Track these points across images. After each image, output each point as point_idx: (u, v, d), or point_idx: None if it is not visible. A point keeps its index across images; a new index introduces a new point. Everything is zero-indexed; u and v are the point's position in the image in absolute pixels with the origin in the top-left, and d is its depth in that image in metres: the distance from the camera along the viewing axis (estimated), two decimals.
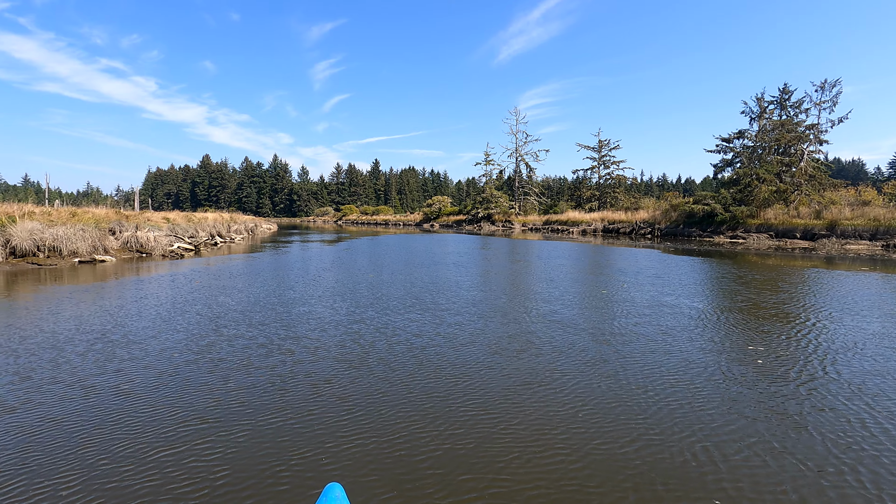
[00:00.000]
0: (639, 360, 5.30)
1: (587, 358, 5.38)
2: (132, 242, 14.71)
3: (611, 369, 5.00)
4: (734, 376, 4.82)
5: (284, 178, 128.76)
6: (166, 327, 6.61)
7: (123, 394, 4.25)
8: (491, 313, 7.68)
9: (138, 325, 6.74)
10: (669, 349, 5.73)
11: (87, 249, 12.91)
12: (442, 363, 5.17)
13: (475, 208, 59.14)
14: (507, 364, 5.16)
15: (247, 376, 4.72)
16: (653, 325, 6.90)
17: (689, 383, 4.61)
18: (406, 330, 6.56)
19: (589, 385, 4.56)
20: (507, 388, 4.48)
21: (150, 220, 17.79)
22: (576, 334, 6.41)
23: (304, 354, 5.45)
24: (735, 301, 8.84)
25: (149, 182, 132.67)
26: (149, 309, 7.78)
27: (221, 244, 23.23)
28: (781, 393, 4.39)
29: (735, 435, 3.57)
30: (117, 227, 14.70)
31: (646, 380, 4.70)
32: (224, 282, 10.83)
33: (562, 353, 5.54)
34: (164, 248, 15.22)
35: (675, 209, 33.65)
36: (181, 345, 5.78)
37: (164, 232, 16.81)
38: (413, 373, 4.86)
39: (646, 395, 4.31)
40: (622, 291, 9.88)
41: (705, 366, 5.13)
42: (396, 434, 3.56)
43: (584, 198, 56.78)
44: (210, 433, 3.52)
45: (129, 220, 15.45)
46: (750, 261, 16.68)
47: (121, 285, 10.10)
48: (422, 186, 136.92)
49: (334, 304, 8.40)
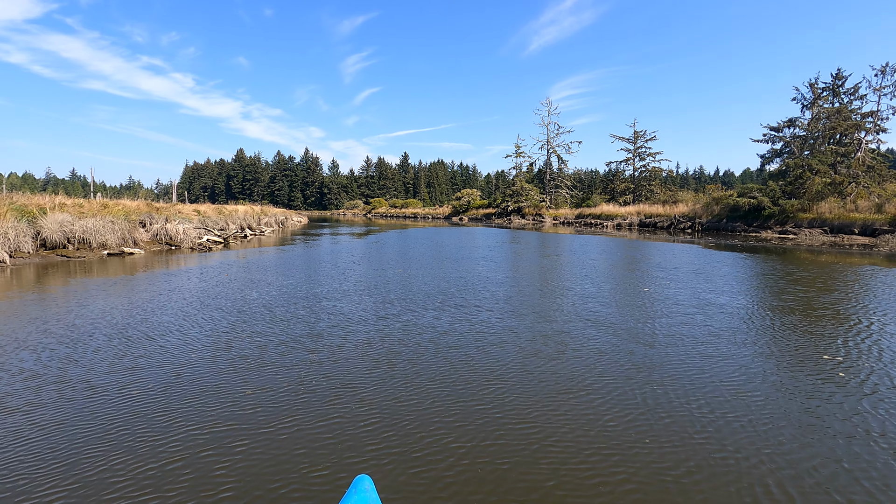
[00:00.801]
0: (689, 366, 4.75)
1: (631, 362, 4.87)
2: (161, 235, 14.87)
3: (659, 376, 4.48)
4: (803, 388, 4.20)
5: (315, 171, 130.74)
6: (189, 322, 6.44)
7: (137, 394, 4.02)
8: (524, 311, 7.25)
9: (161, 319, 6.60)
10: (723, 354, 5.13)
11: (116, 242, 13.06)
12: (472, 365, 4.80)
13: (505, 201, 58.25)
14: (543, 368, 4.71)
15: (269, 373, 4.43)
16: (701, 327, 6.30)
17: (749, 395, 4.05)
18: (435, 328, 6.19)
19: (634, 394, 4.07)
20: (543, 395, 4.05)
21: (181, 212, 18.04)
22: (616, 335, 5.89)
23: (329, 352, 5.14)
24: (789, 301, 8.05)
25: (186, 176, 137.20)
26: (172, 303, 7.66)
27: (251, 237, 23.47)
28: (862, 409, 3.77)
29: (812, 461, 3.01)
30: (147, 220, 14.87)
31: (699, 390, 4.16)
32: (252, 275, 10.72)
33: (602, 357, 5.05)
34: (192, 240, 15.34)
35: (718, 202, 31.96)
36: (204, 340, 5.57)
37: (195, 224, 16.99)
38: (442, 375, 4.51)
39: (700, 408, 3.78)
40: (665, 289, 9.24)
41: (766, 374, 4.53)
42: (422, 438, 3.31)
43: (617, 191, 55.11)
44: (238, 430, 3.25)
45: (159, 212, 15.65)
46: (802, 257, 15.55)
47: (146, 279, 10.11)
48: (450, 179, 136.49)
49: (361, 299, 8.11)
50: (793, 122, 30.97)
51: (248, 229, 24.11)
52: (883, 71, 29.91)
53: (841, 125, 28.51)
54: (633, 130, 56.01)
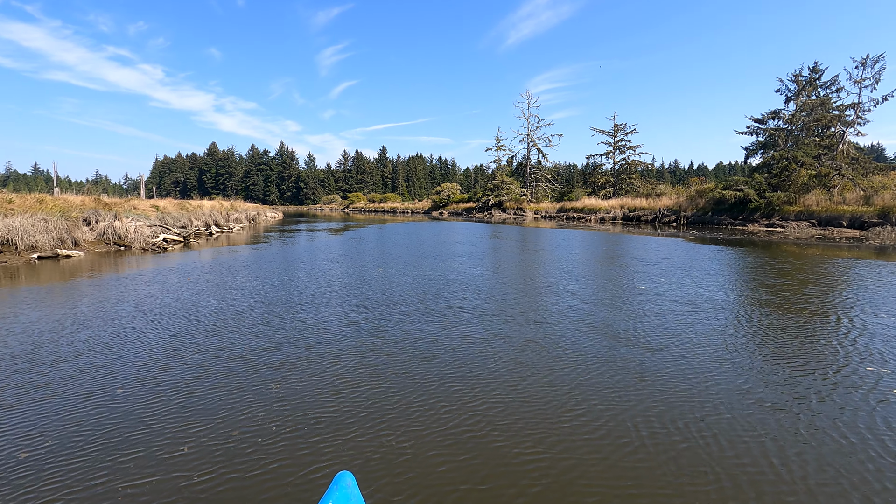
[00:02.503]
0: (693, 376, 4.20)
1: (630, 371, 4.41)
2: (109, 234, 13.23)
3: (661, 394, 3.87)
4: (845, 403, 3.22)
5: (291, 165, 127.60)
6: (119, 339, 5.12)
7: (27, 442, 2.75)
8: (512, 313, 6.70)
9: (81, 336, 5.25)
10: (730, 359, 4.24)
11: (50, 243, 11.33)
12: (456, 371, 4.47)
13: (486, 195, 57.28)
14: (531, 376, 4.29)
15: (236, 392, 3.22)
16: (701, 326, 5.68)
17: (773, 413, 3.28)
18: (417, 336, 5.59)
19: (633, 410, 3.61)
20: (531, 406, 3.70)
21: (136, 208, 16.32)
22: (611, 338, 5.45)
23: (297, 368, 3.94)
24: (789, 298, 7.21)
25: (156, 170, 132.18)
26: (99, 317, 6.30)
27: (218, 234, 21.82)
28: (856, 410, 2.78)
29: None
30: (93, 217, 13.20)
31: (712, 408, 3.54)
32: (211, 278, 9.36)
33: (599, 366, 4.54)
34: (146, 240, 13.70)
35: (702, 195, 31.53)
36: (134, 358, 4.29)
37: (151, 221, 15.32)
38: (425, 380, 4.23)
39: (713, 434, 3.15)
40: (660, 286, 8.69)
41: (792, 386, 3.53)
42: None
43: (598, 184, 54.67)
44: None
45: (108, 208, 13.96)
46: (791, 251, 15.04)
47: (77, 287, 8.62)
48: (429, 174, 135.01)
49: (336, 305, 6.92)
50: (777, 113, 30.65)
51: (214, 226, 22.40)
52: (864, 63, 29.81)
53: (825, 117, 28.27)
54: (614, 123, 55.62)
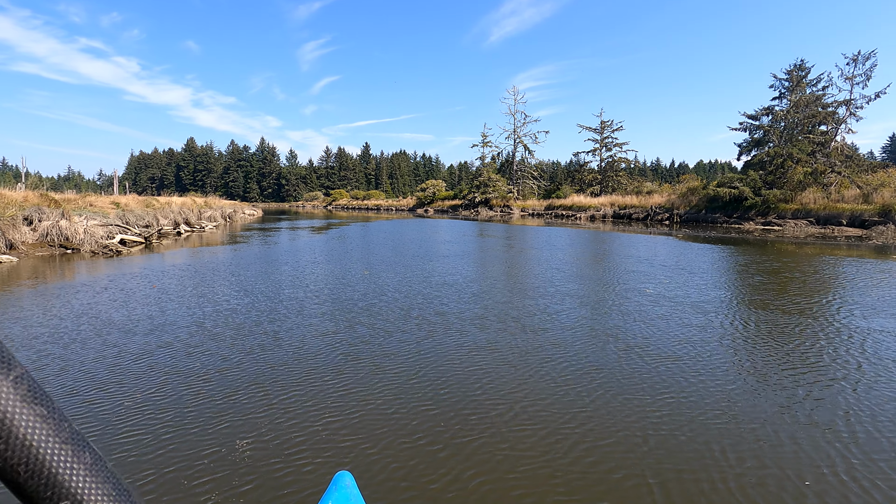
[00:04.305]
0: (717, 387, 3.72)
1: (636, 379, 4.12)
2: (54, 235, 11.71)
3: (668, 397, 3.60)
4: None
5: (272, 162, 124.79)
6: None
7: None
8: (507, 320, 6.25)
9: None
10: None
11: None
12: (450, 377, 4.32)
13: (472, 192, 56.17)
14: (531, 389, 3.97)
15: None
16: (721, 334, 5.19)
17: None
18: (410, 348, 5.11)
19: (642, 424, 3.37)
20: (532, 420, 3.41)
21: (92, 205, 14.72)
22: (622, 349, 5.00)
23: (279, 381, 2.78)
24: (793, 299, 6.34)
25: (132, 166, 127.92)
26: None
27: (189, 234, 20.26)
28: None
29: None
30: (35, 215, 11.65)
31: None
32: (173, 285, 8.03)
33: (602, 374, 4.26)
34: (98, 241, 12.22)
35: (695, 193, 30.90)
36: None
37: (108, 220, 13.77)
38: (420, 387, 4.06)
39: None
40: (665, 289, 8.23)
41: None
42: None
43: (585, 181, 54.02)
44: None
45: (56, 205, 12.39)
46: (790, 250, 14.41)
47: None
48: (413, 171, 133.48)
49: (317, 311, 5.78)
50: (770, 110, 30.14)
51: (183, 225, 20.80)
52: (855, 59, 29.51)
53: (819, 114, 27.83)
54: (600, 120, 55.05)
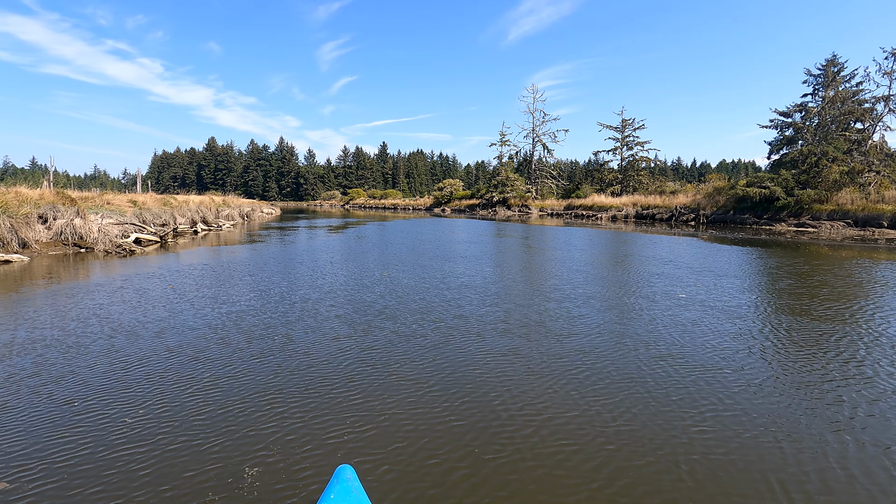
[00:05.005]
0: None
1: (676, 398, 3.76)
2: (68, 233, 11.58)
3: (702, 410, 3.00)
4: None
5: (291, 161, 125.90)
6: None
7: None
8: (531, 326, 5.91)
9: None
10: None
11: None
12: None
13: (489, 192, 55.54)
14: (553, 402, 3.67)
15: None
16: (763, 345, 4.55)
17: None
18: (431, 353, 4.88)
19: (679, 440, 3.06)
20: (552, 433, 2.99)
21: (109, 203, 14.66)
22: (653, 360, 4.62)
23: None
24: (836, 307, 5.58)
25: (155, 165, 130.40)
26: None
27: (206, 233, 20.18)
28: None
29: None
30: (50, 214, 11.55)
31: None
32: (187, 285, 7.74)
33: (634, 390, 3.92)
34: (111, 240, 12.08)
35: (721, 193, 29.78)
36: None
37: (125, 219, 13.65)
38: (433, 398, 3.80)
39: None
40: (698, 293, 7.76)
41: None
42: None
43: (605, 181, 52.93)
44: None
45: (74, 202, 12.29)
46: (825, 254, 13.58)
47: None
48: (430, 170, 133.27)
49: (332, 314, 5.43)
50: (803, 106, 28.84)
51: (201, 224, 20.73)
52: (894, 54, 28.09)
53: (856, 110, 26.51)
54: (621, 118, 53.91)
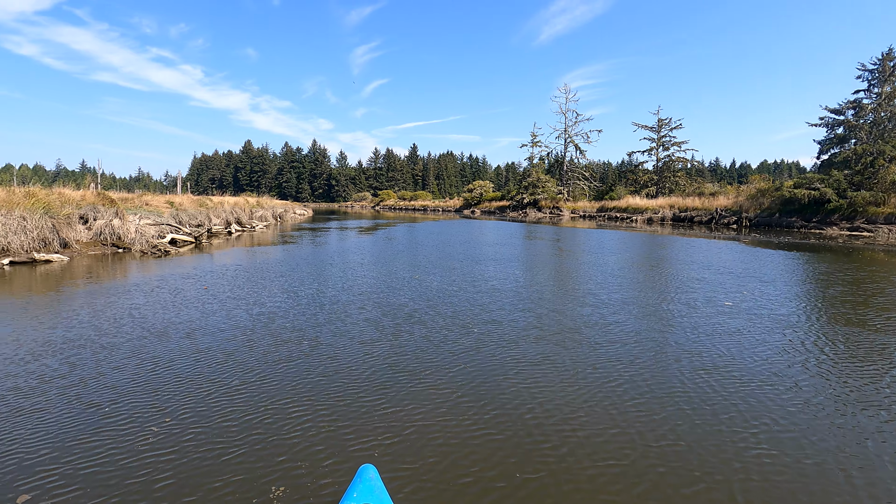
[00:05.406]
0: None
1: (726, 416, 3.46)
2: (107, 234, 11.90)
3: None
4: None
5: (323, 163, 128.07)
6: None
7: None
8: (564, 333, 5.65)
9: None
10: None
11: (28, 245, 9.93)
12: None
13: (520, 193, 54.86)
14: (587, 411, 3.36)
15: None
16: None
17: None
18: (456, 363, 4.64)
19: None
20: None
21: (148, 204, 15.08)
22: (699, 372, 4.28)
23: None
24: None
25: (194, 167, 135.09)
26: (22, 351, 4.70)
27: (240, 233, 20.55)
28: None
29: None
30: (90, 214, 11.90)
31: None
32: (218, 286, 7.75)
33: (680, 405, 3.60)
34: (148, 240, 12.34)
35: (766, 194, 28.32)
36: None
37: (161, 219, 13.98)
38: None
39: None
40: (743, 301, 7.23)
41: None
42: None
43: (639, 182, 51.46)
44: None
45: (114, 203, 12.65)
46: (882, 260, 12.67)
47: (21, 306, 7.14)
48: (460, 171, 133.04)
49: (362, 315, 5.26)
50: (857, 103, 27.11)
51: (235, 224, 21.14)
52: None
53: None
54: (657, 118, 52.34)
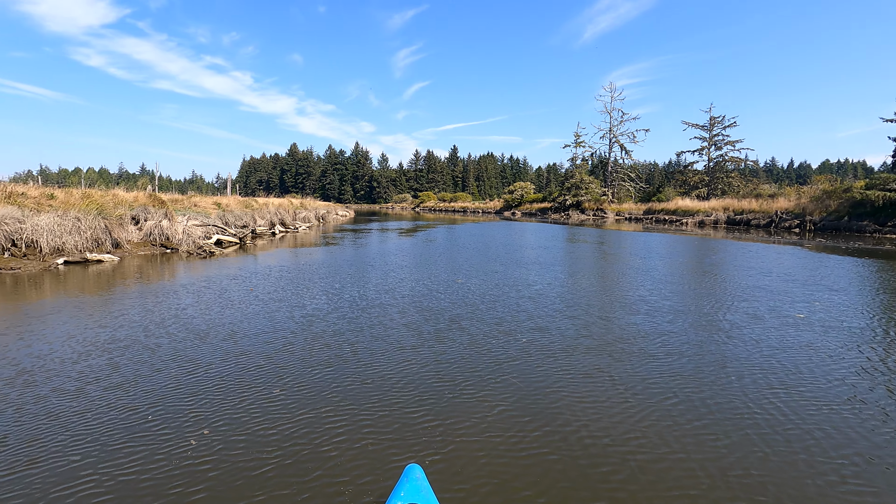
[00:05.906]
0: None
1: (804, 443, 3.12)
2: (156, 234, 12.30)
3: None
4: None
5: (365, 165, 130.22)
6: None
7: None
8: (615, 343, 5.31)
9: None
10: None
11: (82, 244, 10.34)
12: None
13: (563, 195, 53.61)
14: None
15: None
16: None
17: None
18: (501, 372, 4.39)
19: None
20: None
21: (196, 205, 15.58)
22: (767, 391, 3.91)
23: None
24: None
25: (243, 170, 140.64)
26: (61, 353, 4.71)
27: (283, 234, 20.95)
28: None
29: None
30: (142, 215, 12.34)
31: None
32: (267, 287, 7.76)
33: (749, 428, 3.29)
34: (195, 241, 12.65)
35: (832, 196, 26.25)
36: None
37: (209, 220, 14.38)
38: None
39: None
40: (812, 312, 6.36)
41: None
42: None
43: (690, 184, 49.18)
44: None
45: (164, 205, 13.10)
46: None
47: (45, 309, 7.30)
48: (500, 173, 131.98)
49: (406, 319, 5.03)
50: None
51: (279, 226, 21.59)
52: None
53: None
54: (710, 116, 49.90)
